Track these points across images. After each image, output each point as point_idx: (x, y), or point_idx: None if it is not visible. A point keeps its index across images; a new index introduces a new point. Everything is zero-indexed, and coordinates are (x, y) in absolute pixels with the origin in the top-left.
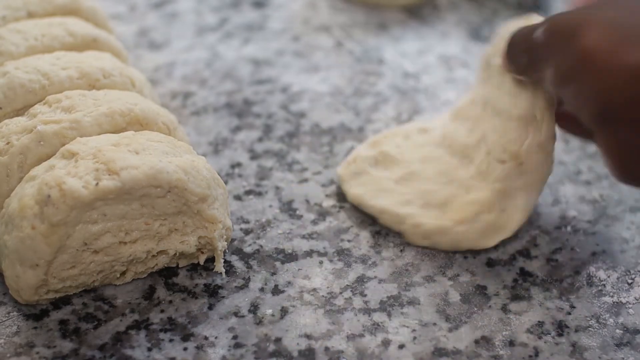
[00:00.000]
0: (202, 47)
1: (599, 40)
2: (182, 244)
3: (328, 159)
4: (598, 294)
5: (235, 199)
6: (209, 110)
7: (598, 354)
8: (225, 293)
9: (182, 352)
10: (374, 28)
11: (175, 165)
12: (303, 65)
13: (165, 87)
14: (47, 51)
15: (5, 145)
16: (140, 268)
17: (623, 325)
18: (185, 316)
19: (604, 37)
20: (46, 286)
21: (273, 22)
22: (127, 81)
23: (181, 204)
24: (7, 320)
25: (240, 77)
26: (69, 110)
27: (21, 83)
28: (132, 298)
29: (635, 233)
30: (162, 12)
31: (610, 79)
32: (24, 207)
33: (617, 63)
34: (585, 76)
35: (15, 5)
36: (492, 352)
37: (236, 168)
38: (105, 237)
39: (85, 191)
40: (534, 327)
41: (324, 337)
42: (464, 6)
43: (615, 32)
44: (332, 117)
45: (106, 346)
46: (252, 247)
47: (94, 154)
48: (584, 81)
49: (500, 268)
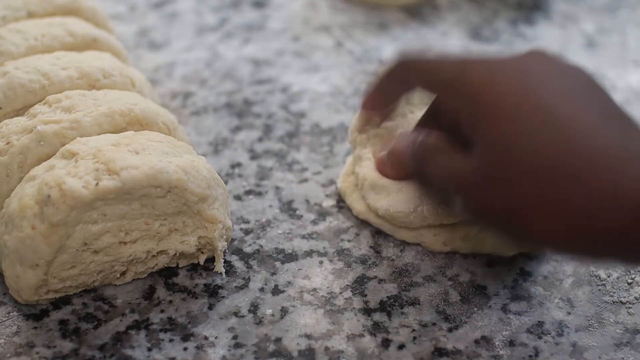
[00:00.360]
0: (202, 47)
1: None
2: (182, 244)
3: (328, 159)
4: (598, 294)
5: (235, 199)
6: (209, 110)
7: (598, 354)
8: (225, 293)
9: (182, 352)
10: (374, 28)
11: (175, 165)
12: (303, 65)
13: (165, 87)
14: (47, 51)
15: (5, 145)
16: (140, 268)
17: (623, 325)
18: (185, 316)
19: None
20: (46, 286)
21: (273, 22)
22: (127, 81)
23: (181, 204)
24: (7, 320)
25: (240, 77)
26: (69, 110)
27: (21, 83)
28: (132, 298)
29: None
30: (162, 12)
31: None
32: (24, 207)
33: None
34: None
35: (15, 5)
36: (492, 352)
37: (236, 168)
38: (105, 237)
39: (85, 191)
40: (534, 327)
41: (324, 337)
42: (464, 6)
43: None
44: (332, 117)
45: (106, 346)
46: (252, 247)
47: (94, 154)
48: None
49: (500, 268)
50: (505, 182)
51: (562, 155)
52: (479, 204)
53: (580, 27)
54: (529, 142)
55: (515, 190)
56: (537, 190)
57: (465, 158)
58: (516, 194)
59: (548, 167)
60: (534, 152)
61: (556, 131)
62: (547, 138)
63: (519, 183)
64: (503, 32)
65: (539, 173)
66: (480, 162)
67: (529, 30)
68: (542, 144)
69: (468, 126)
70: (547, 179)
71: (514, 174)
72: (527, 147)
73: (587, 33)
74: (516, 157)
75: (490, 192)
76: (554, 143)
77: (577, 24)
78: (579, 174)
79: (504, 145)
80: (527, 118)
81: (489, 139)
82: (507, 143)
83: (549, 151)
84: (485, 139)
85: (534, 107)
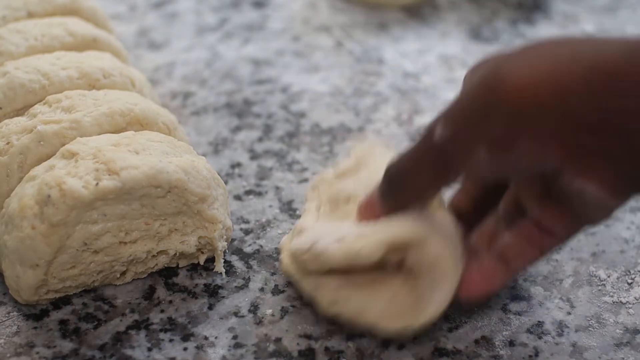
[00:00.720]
0: (202, 47)
1: (520, 76)
2: (182, 244)
3: (328, 159)
4: (598, 294)
5: (235, 199)
6: (209, 110)
7: (598, 354)
8: (225, 293)
9: (182, 352)
10: (374, 28)
11: (175, 165)
12: (303, 65)
13: (165, 87)
14: (47, 51)
15: (5, 145)
16: (140, 268)
17: (623, 325)
18: (185, 316)
19: (521, 70)
20: (46, 286)
21: (273, 22)
22: (127, 81)
23: (181, 204)
24: (7, 320)
25: (240, 77)
26: (69, 110)
27: (21, 83)
28: (132, 298)
29: (635, 233)
30: (162, 12)
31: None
32: (24, 207)
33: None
34: (534, 121)
35: (15, 5)
36: (492, 352)
37: (236, 168)
38: (105, 237)
39: (85, 191)
40: (534, 327)
41: (324, 337)
42: (464, 6)
43: (522, 63)
44: (332, 117)
45: (106, 346)
46: (252, 247)
47: (94, 154)
48: (535, 125)
49: None
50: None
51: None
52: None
53: (580, 27)
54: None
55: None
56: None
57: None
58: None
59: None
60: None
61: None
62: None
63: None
64: (503, 32)
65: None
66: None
67: (529, 30)
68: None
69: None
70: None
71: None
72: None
73: (587, 33)
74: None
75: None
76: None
77: (577, 24)
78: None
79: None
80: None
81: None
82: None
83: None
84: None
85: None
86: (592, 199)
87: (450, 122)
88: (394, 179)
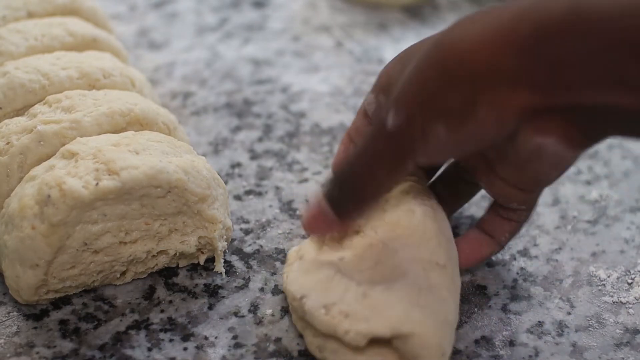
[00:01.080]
0: (202, 47)
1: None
2: (182, 244)
3: (328, 159)
4: (598, 294)
5: (235, 199)
6: (209, 110)
7: (598, 354)
8: (225, 293)
9: (182, 352)
10: (374, 28)
11: (175, 165)
12: (303, 65)
13: (165, 87)
14: (47, 51)
15: (5, 145)
16: (140, 268)
17: (623, 325)
18: (185, 316)
19: (462, 33)
20: (46, 286)
21: (273, 22)
22: (127, 81)
23: (181, 204)
24: (7, 320)
25: (240, 77)
26: (69, 110)
27: (21, 83)
28: (132, 298)
29: (635, 233)
30: (162, 12)
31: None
32: (24, 207)
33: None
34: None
35: (15, 5)
36: (492, 352)
37: (236, 168)
38: (105, 237)
39: (86, 191)
40: (534, 327)
41: None
42: (464, 6)
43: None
44: (332, 117)
45: (106, 346)
46: (252, 247)
47: (94, 154)
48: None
49: (500, 268)
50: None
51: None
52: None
53: None
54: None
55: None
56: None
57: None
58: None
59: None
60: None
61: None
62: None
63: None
64: None
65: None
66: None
67: None
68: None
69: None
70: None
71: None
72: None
73: None
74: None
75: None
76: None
77: None
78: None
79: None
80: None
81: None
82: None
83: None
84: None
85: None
86: (551, 153)
87: (402, 105)
88: (346, 181)
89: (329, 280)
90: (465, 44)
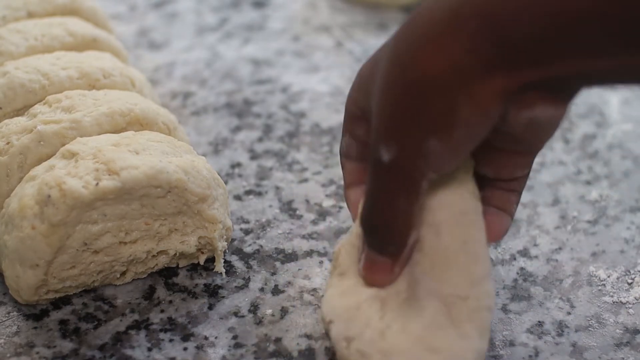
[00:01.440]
0: (202, 47)
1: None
2: (182, 244)
3: (328, 159)
4: (598, 294)
5: (235, 199)
6: (209, 110)
7: (598, 354)
8: (225, 293)
9: (182, 352)
10: (374, 28)
11: (175, 165)
12: (303, 65)
13: (165, 87)
14: (47, 51)
15: (5, 145)
16: (140, 268)
17: (623, 325)
18: (185, 316)
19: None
20: (46, 286)
21: (273, 22)
22: (127, 81)
23: (181, 204)
24: (7, 320)
25: (240, 77)
26: (69, 110)
27: (21, 83)
28: (132, 298)
29: (635, 233)
30: (162, 12)
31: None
32: (24, 207)
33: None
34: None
35: (15, 5)
36: (492, 352)
37: (236, 168)
38: (105, 237)
39: (86, 191)
40: (534, 327)
41: (324, 337)
42: None
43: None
44: (332, 117)
45: (106, 346)
46: (252, 247)
47: (94, 154)
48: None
49: (500, 268)
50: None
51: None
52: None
53: None
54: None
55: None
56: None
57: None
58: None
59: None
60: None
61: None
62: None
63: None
64: None
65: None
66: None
67: None
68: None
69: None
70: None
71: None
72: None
73: None
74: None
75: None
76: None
77: None
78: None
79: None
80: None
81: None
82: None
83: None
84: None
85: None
86: (542, 118)
87: (389, 137)
88: (375, 225)
89: (356, 308)
90: (420, 52)
